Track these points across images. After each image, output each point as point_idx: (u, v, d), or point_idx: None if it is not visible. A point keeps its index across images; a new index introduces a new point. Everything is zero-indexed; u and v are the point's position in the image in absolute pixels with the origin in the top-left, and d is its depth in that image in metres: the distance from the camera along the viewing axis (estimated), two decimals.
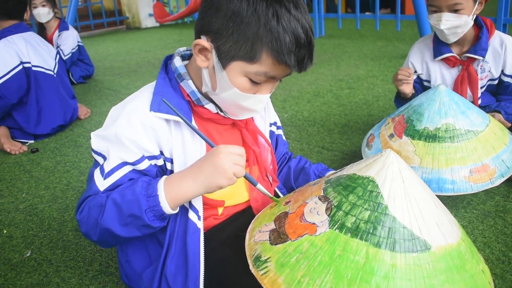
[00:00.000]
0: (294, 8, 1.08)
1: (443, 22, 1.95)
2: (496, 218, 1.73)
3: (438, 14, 1.95)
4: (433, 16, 1.98)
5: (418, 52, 2.21)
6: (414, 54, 2.23)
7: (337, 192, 1.06)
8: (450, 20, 1.94)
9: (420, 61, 2.19)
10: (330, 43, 5.62)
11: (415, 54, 2.22)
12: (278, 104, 3.23)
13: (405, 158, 1.73)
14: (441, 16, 1.94)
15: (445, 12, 1.93)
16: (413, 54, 2.23)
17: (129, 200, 1.07)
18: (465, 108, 1.77)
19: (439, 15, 1.95)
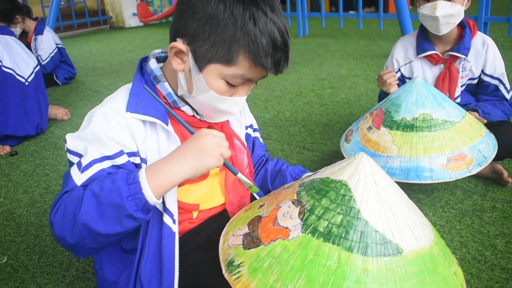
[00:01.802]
0: (270, 11, 1.08)
1: (438, 9, 1.94)
2: (473, 217, 1.74)
3: (432, 3, 1.95)
4: (427, 6, 1.97)
5: (402, 49, 2.23)
6: (398, 51, 2.24)
7: (310, 196, 1.06)
8: (445, 8, 1.94)
9: (404, 58, 2.21)
10: (314, 42, 5.63)
11: (399, 51, 2.23)
12: (260, 104, 3.23)
13: (383, 148, 1.75)
14: (436, 4, 1.94)
15: (441, 1, 1.94)
16: (397, 51, 2.24)
17: (109, 189, 1.01)
18: (441, 100, 1.79)
19: (434, 3, 1.95)
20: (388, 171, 1.70)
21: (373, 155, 1.76)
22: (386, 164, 1.72)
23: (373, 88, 3.48)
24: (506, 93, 2.11)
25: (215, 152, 1.06)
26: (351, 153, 1.85)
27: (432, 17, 1.96)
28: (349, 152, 1.87)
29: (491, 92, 2.13)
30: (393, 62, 2.25)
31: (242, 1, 1.06)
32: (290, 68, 4.29)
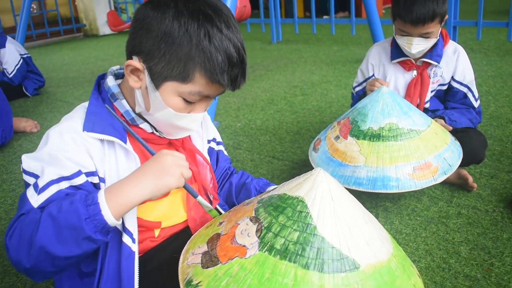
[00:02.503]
0: (225, 28, 1.08)
1: (414, 46, 1.97)
2: (438, 224, 1.76)
3: (408, 38, 1.97)
4: (403, 39, 1.99)
5: (377, 54, 2.24)
6: (373, 56, 2.25)
7: (267, 212, 1.06)
8: (420, 44, 1.97)
9: (378, 63, 2.22)
10: (287, 48, 5.65)
11: (374, 56, 2.24)
12: (232, 113, 3.23)
13: (350, 157, 1.76)
14: (412, 40, 1.96)
15: (416, 37, 1.95)
16: (373, 56, 2.25)
17: (67, 211, 0.99)
18: (407, 109, 1.81)
19: (409, 39, 1.97)
20: (355, 181, 1.71)
21: (341, 164, 1.77)
22: (353, 174, 1.72)
23: (344, 94, 3.50)
24: (474, 101, 2.14)
25: (175, 172, 1.06)
26: (319, 163, 1.86)
27: (408, 51, 2.00)
28: (317, 162, 1.88)
29: (459, 99, 2.15)
30: (368, 67, 2.26)
31: (197, 19, 1.06)
32: (263, 76, 4.31)
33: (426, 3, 1.86)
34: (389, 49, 2.19)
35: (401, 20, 1.93)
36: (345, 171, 1.74)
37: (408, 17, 1.89)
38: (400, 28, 1.98)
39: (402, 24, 1.94)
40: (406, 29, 1.95)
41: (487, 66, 4.09)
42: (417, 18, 1.87)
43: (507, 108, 2.99)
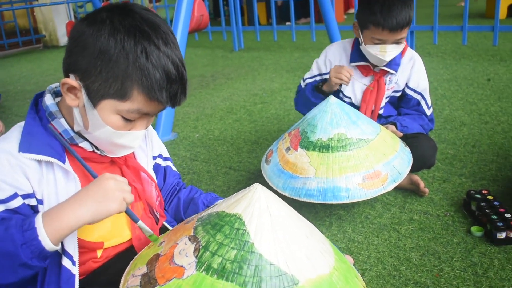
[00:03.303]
0: (163, 44, 1.06)
1: (387, 54, 1.97)
2: (391, 231, 1.77)
3: (382, 46, 1.96)
4: (375, 47, 1.97)
5: (337, 53, 2.20)
6: (333, 53, 2.21)
7: (205, 231, 1.04)
8: (394, 50, 1.98)
9: (338, 61, 2.18)
10: (249, 56, 5.65)
11: (334, 54, 2.21)
12: (191, 124, 3.20)
13: (301, 169, 1.75)
14: (385, 48, 1.95)
15: (390, 44, 1.95)
16: (332, 53, 2.21)
17: (1, 237, 0.96)
18: (356, 118, 1.81)
19: (383, 46, 1.96)
20: (306, 192, 1.71)
21: (291, 177, 1.76)
22: (304, 186, 1.72)
23: None
24: (426, 109, 2.16)
25: (117, 197, 1.04)
26: (271, 175, 1.85)
27: (380, 58, 1.99)
28: (269, 174, 1.87)
29: (412, 106, 2.17)
30: (325, 62, 2.22)
31: (133, 35, 1.04)
32: (223, 84, 4.30)
33: (402, 9, 1.88)
34: (349, 51, 2.17)
35: (377, 28, 1.91)
36: (296, 183, 1.74)
37: (387, 24, 1.88)
38: (374, 37, 1.95)
39: (378, 32, 1.92)
40: (383, 36, 1.93)
41: (443, 70, 4.16)
42: (397, 24, 1.88)
43: (461, 111, 3.04)
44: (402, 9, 1.88)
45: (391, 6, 1.88)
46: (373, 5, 1.91)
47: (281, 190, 1.76)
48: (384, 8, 1.88)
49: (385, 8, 1.88)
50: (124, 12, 1.09)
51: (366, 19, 1.95)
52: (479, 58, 4.62)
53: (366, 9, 1.95)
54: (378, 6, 1.89)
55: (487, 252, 1.61)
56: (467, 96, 3.37)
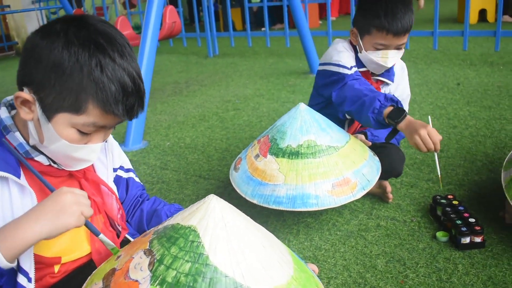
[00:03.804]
0: (119, 57, 1.05)
1: (389, 59, 1.92)
2: (357, 238, 1.77)
3: (384, 51, 1.91)
4: (377, 53, 1.92)
5: (347, 52, 2.02)
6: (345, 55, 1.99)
7: (161, 244, 1.02)
8: (395, 56, 1.93)
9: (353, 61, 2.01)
10: (223, 62, 5.65)
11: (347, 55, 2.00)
12: (162, 132, 3.17)
13: (270, 176, 1.74)
14: (387, 54, 1.91)
15: (392, 50, 1.91)
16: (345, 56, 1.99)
17: None
18: (325, 125, 1.81)
19: (385, 52, 1.91)
20: (275, 200, 1.70)
21: (260, 184, 1.75)
22: (273, 193, 1.71)
23: (275, 108, 3.52)
24: None
25: (74, 211, 1.02)
26: (239, 183, 1.83)
27: (381, 65, 1.94)
28: (238, 181, 1.85)
29: None
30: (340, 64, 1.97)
31: (88, 48, 1.03)
32: (196, 91, 4.28)
33: (406, 12, 1.85)
34: (354, 55, 2.03)
35: (381, 32, 1.87)
36: (264, 190, 1.73)
37: (392, 28, 1.84)
38: (376, 42, 1.90)
39: (382, 37, 1.88)
40: (386, 41, 1.88)
41: (414, 75, 4.20)
42: (402, 28, 1.84)
43: (431, 116, 3.07)
44: (405, 12, 1.85)
45: (395, 9, 1.84)
46: (376, 9, 1.86)
47: (249, 197, 1.75)
48: (388, 11, 1.84)
49: (389, 11, 1.84)
50: (79, 24, 1.07)
51: (368, 23, 1.90)
52: (449, 62, 4.68)
53: (368, 14, 1.90)
54: (382, 10, 1.85)
55: (451, 257, 1.62)
56: (437, 101, 3.41)
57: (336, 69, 1.95)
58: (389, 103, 1.74)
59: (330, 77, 1.98)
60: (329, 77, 1.99)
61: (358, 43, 1.98)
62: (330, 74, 1.97)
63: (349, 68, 1.93)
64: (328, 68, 1.99)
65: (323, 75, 2.03)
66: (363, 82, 1.90)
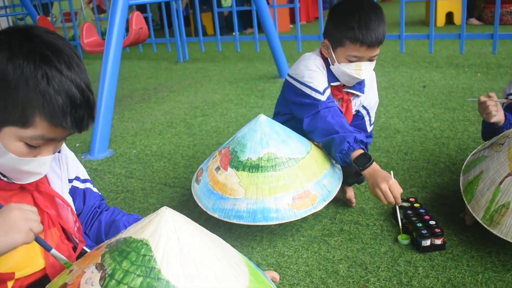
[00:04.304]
0: (66, 69, 1.03)
1: (363, 71, 1.88)
2: (321, 243, 1.77)
3: (357, 63, 1.86)
4: (350, 65, 1.87)
5: (321, 75, 1.96)
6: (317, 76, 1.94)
7: (112, 258, 1.01)
8: (368, 68, 1.90)
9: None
10: (193, 68, 5.63)
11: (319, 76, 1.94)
12: (129, 140, 3.14)
13: (230, 190, 1.74)
14: (361, 66, 1.87)
15: (365, 62, 1.87)
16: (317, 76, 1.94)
17: None
18: (285, 137, 1.81)
19: (358, 64, 1.86)
20: (236, 214, 1.69)
21: (221, 197, 1.74)
22: (234, 207, 1.70)
23: (243, 113, 3.52)
24: (368, 125, 2.14)
25: (22, 228, 1.00)
26: (201, 196, 1.82)
27: (354, 77, 1.90)
28: (199, 194, 1.84)
29: (356, 120, 2.12)
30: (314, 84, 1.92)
31: (33, 60, 1.01)
32: (165, 97, 4.26)
33: (379, 24, 1.82)
34: (325, 69, 1.99)
35: (354, 44, 1.83)
36: (225, 204, 1.72)
37: (366, 39, 1.80)
38: (350, 54, 1.86)
39: (356, 49, 1.84)
40: (360, 53, 1.84)
41: (381, 78, 4.25)
42: (376, 39, 1.81)
43: (396, 119, 3.11)
44: (379, 24, 1.83)
45: (368, 21, 1.82)
46: (349, 21, 1.82)
47: (210, 211, 1.74)
48: (361, 23, 1.80)
49: (362, 23, 1.81)
50: (23, 35, 1.05)
51: (341, 35, 1.85)
52: (416, 65, 4.75)
53: (341, 26, 1.85)
54: (355, 22, 1.81)
55: (412, 260, 1.64)
56: (403, 103, 3.45)
57: (308, 91, 1.91)
58: (357, 146, 1.75)
59: (301, 98, 1.93)
60: (300, 97, 1.93)
61: (330, 55, 1.93)
62: (302, 94, 1.92)
63: (322, 93, 1.90)
64: (299, 87, 1.94)
65: (294, 91, 1.97)
66: (336, 113, 1.87)
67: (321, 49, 1.98)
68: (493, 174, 1.67)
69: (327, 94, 1.91)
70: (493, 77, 4.06)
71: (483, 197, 1.65)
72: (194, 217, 2.00)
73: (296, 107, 1.96)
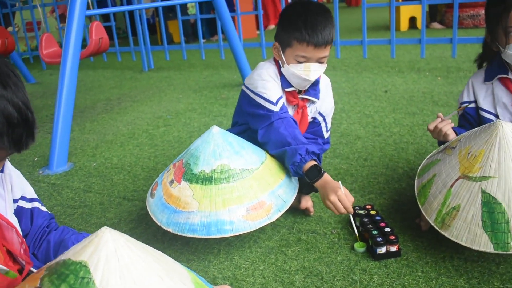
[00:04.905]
0: (1, 88, 1.01)
1: (312, 72, 1.88)
2: (278, 254, 1.77)
3: (306, 64, 1.87)
4: (299, 66, 1.88)
5: (275, 84, 1.98)
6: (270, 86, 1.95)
7: (51, 282, 0.98)
8: (318, 70, 1.90)
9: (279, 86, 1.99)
10: (158, 76, 5.59)
11: (273, 86, 1.96)
12: (89, 152, 3.09)
13: (184, 203, 1.72)
14: (309, 67, 1.87)
15: (314, 63, 1.88)
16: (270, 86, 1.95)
17: None
18: (239, 148, 1.80)
19: (307, 65, 1.87)
20: (190, 227, 1.68)
21: (175, 211, 1.72)
22: (188, 221, 1.68)
23: (206, 122, 3.50)
24: (325, 131, 2.15)
25: None
26: (155, 210, 1.80)
27: (304, 78, 1.90)
28: (153, 208, 1.81)
29: (312, 128, 2.13)
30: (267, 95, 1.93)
31: None
32: (128, 108, 4.21)
33: (326, 25, 1.85)
34: (279, 76, 2.00)
35: (301, 44, 1.85)
36: (179, 218, 1.70)
37: (312, 39, 1.82)
38: (298, 54, 1.87)
39: (303, 49, 1.85)
40: (307, 53, 1.86)
41: (345, 83, 4.29)
42: (322, 39, 1.83)
43: (357, 125, 3.13)
44: (325, 25, 1.85)
45: (315, 22, 1.84)
46: (296, 21, 1.86)
47: (164, 225, 1.72)
48: (307, 23, 1.84)
49: (308, 23, 1.84)
50: None
51: (289, 36, 1.88)
52: (379, 70, 4.80)
53: (288, 27, 1.89)
54: (302, 22, 1.84)
55: (368, 268, 1.64)
56: (365, 109, 3.48)
57: (262, 102, 1.91)
58: (309, 158, 1.76)
59: (255, 109, 1.93)
60: (254, 108, 1.94)
61: (280, 57, 1.96)
62: (256, 105, 1.93)
63: (275, 103, 1.90)
64: (253, 97, 1.94)
65: (249, 101, 1.97)
66: (289, 124, 1.87)
67: (273, 52, 2.01)
68: (445, 177, 1.69)
69: (281, 105, 1.91)
70: (453, 80, 4.13)
71: (435, 200, 1.68)
72: (152, 231, 1.98)
73: (251, 118, 1.96)
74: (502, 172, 1.52)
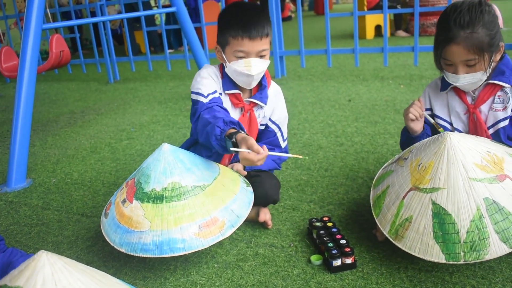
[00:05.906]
0: None
1: (253, 67, 1.92)
2: (234, 269, 1.76)
3: (246, 60, 1.92)
4: (240, 62, 1.92)
5: (211, 81, 2.03)
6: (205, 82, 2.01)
7: None
8: (259, 65, 1.94)
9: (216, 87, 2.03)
10: (123, 88, 5.54)
11: (208, 82, 2.01)
12: (49, 168, 3.04)
13: (136, 223, 1.69)
14: (250, 62, 1.92)
15: (254, 58, 1.92)
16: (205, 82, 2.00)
17: None
18: (190, 164, 1.78)
19: (247, 61, 1.92)
20: (142, 247, 1.65)
21: (127, 231, 1.70)
22: (140, 241, 1.66)
23: (169, 134, 3.48)
24: (281, 141, 2.17)
25: None
26: (108, 230, 1.77)
27: (247, 74, 1.93)
28: (106, 228, 1.78)
29: (268, 138, 2.16)
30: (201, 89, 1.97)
31: None
32: (91, 121, 4.15)
33: (259, 18, 1.90)
34: (220, 79, 2.05)
35: (236, 39, 1.89)
36: (131, 238, 1.68)
37: (246, 31, 1.87)
38: (236, 49, 1.91)
39: (239, 43, 1.89)
40: (244, 46, 1.89)
41: (310, 93, 4.32)
42: (256, 31, 1.87)
43: (320, 135, 3.15)
44: (258, 19, 1.90)
45: (247, 16, 1.90)
46: (229, 20, 1.92)
47: (117, 246, 1.70)
48: (239, 19, 1.90)
49: (240, 19, 1.90)
50: None
51: (225, 35, 1.93)
52: (344, 79, 4.86)
53: (224, 27, 1.94)
54: (234, 19, 1.90)
55: (323, 281, 1.65)
56: (328, 118, 3.51)
57: (195, 97, 1.96)
58: (229, 127, 1.74)
59: (192, 107, 2.00)
60: (192, 107, 2.01)
61: (222, 58, 2.00)
62: (193, 103, 1.99)
63: (206, 96, 1.93)
64: (192, 96, 2.00)
65: (192, 104, 2.04)
66: (212, 110, 1.87)
67: (216, 55, 2.06)
68: (397, 188, 1.71)
69: (211, 98, 1.95)
70: (416, 88, 4.20)
71: (389, 211, 1.69)
72: (109, 248, 1.95)
73: (192, 118, 2.02)
74: (451, 183, 1.55)
